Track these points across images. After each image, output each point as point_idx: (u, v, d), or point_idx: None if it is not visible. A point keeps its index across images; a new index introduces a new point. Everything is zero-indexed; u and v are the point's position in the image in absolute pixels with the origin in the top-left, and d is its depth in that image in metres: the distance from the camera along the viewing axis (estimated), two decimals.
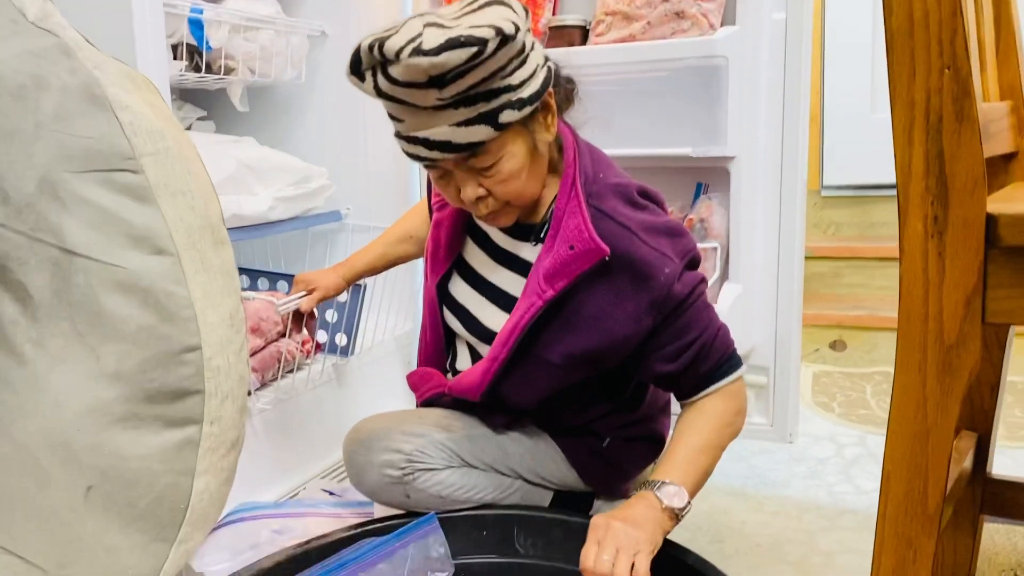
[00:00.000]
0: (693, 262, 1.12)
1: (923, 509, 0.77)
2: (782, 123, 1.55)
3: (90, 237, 1.05)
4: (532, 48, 1.03)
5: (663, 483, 1.05)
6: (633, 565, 0.97)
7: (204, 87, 1.80)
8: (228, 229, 1.54)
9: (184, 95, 1.89)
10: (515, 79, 1.00)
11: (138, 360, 1.05)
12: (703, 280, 1.13)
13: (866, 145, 2.77)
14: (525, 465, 1.23)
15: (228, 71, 1.69)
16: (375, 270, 1.49)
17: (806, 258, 2.72)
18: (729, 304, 1.54)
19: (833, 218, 2.97)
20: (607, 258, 1.05)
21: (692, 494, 1.07)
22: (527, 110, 1.02)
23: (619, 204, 1.10)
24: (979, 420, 1.09)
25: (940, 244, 0.73)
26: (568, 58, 1.19)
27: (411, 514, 1.17)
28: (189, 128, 1.84)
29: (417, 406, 1.30)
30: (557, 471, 1.25)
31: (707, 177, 1.63)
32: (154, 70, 1.24)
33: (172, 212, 1.07)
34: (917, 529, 0.78)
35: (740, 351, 1.59)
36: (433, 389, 1.26)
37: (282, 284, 1.72)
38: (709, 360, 1.11)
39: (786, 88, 1.54)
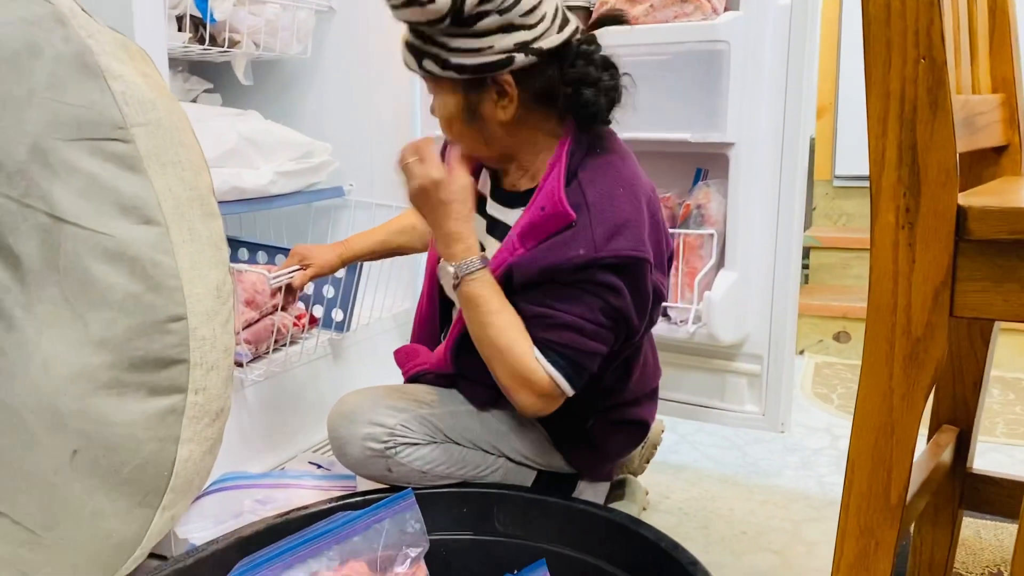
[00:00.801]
0: (620, 267, 1.09)
1: (885, 501, 0.77)
2: (784, 110, 1.53)
3: (79, 205, 1.06)
4: (498, 31, 1.07)
5: (479, 267, 1.11)
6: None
7: (210, 60, 1.80)
8: (229, 202, 1.57)
9: (191, 67, 1.90)
10: (451, 42, 1.08)
11: (124, 328, 1.07)
12: (614, 289, 1.09)
13: None
14: (508, 444, 1.24)
15: (232, 44, 1.70)
16: (374, 255, 1.51)
17: (814, 248, 2.72)
18: (724, 291, 1.53)
19: (844, 209, 2.95)
20: (573, 224, 1.08)
21: (460, 291, 1.12)
22: (449, 73, 1.09)
23: (600, 186, 1.11)
24: (961, 415, 1.08)
25: (910, 235, 0.73)
26: None
27: (392, 489, 1.19)
28: (195, 100, 1.85)
29: (404, 382, 1.31)
30: (540, 451, 1.26)
31: (706, 163, 1.62)
32: (152, 41, 1.25)
33: (161, 182, 1.08)
34: (879, 520, 0.78)
35: (734, 339, 1.60)
36: (418, 365, 1.27)
37: (280, 258, 1.72)
38: (549, 332, 1.11)
39: (788, 75, 1.52)
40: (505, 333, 1.11)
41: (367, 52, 1.89)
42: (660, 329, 1.64)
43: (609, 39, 1.35)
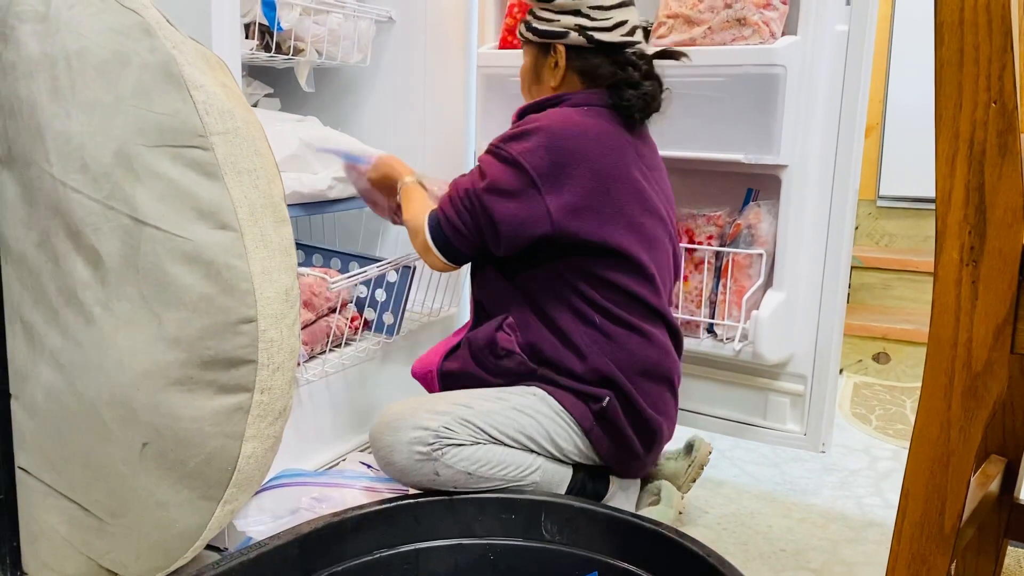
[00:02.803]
0: (510, 161, 1.29)
1: (939, 530, 0.79)
2: (837, 135, 1.55)
3: (160, 208, 1.11)
4: (568, 12, 1.35)
5: (413, 177, 1.50)
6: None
7: (272, 65, 1.85)
8: (287, 206, 1.61)
9: (252, 72, 1.95)
10: (538, 12, 1.39)
11: (197, 328, 1.11)
12: (486, 176, 1.31)
13: (926, 157, 2.74)
14: (542, 434, 1.29)
15: (297, 52, 1.75)
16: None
17: (856, 268, 2.72)
18: (771, 311, 1.55)
19: (887, 229, 2.94)
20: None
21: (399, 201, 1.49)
22: (530, 35, 1.40)
23: (550, 115, 1.33)
24: (1010, 446, 1.09)
25: (974, 273, 0.75)
26: None
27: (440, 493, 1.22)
28: (255, 104, 1.90)
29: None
30: (569, 439, 1.32)
31: (758, 183, 1.64)
32: (228, 49, 1.30)
33: (237, 189, 1.13)
34: (932, 548, 0.80)
35: (779, 359, 1.62)
36: (428, 366, 1.43)
37: (335, 261, 1.77)
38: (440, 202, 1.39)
39: (844, 100, 1.54)
40: (414, 207, 1.43)
41: (424, 61, 1.94)
42: (705, 346, 1.66)
43: (670, 62, 1.39)
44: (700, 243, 1.65)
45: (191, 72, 1.12)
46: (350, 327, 1.63)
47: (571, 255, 1.29)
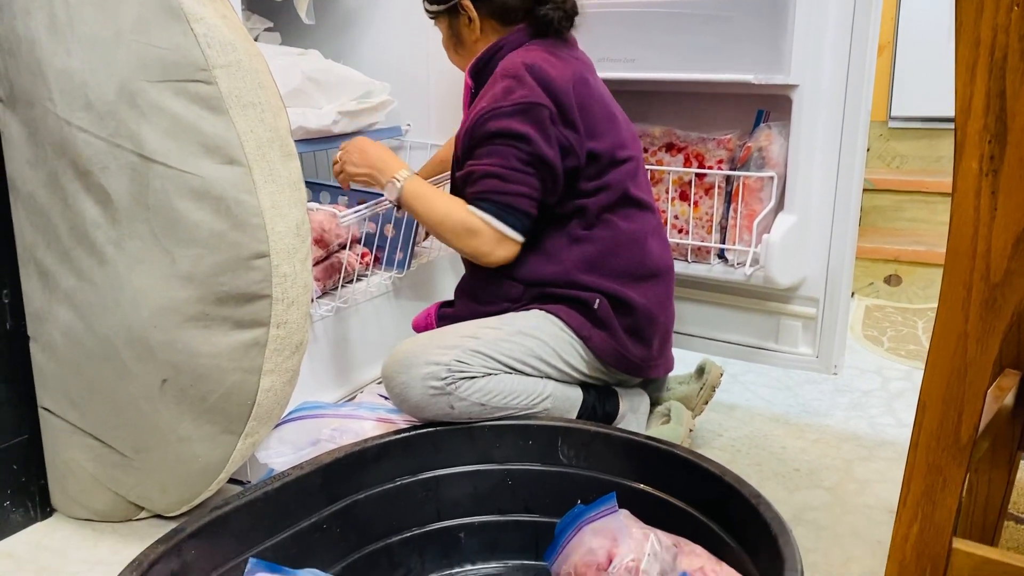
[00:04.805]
0: (523, 109, 1.28)
1: (955, 440, 0.80)
2: (849, 53, 1.52)
3: (166, 145, 1.10)
4: None
5: (408, 172, 1.38)
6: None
7: None
8: (295, 141, 1.59)
9: (251, 5, 1.91)
10: None
11: (210, 264, 1.12)
12: (522, 136, 1.28)
13: (940, 75, 2.69)
14: (549, 352, 1.31)
15: None
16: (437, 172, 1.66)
17: (867, 191, 2.69)
18: (782, 235, 1.54)
19: (899, 150, 2.90)
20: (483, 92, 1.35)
21: (402, 202, 1.37)
22: (434, 7, 1.44)
23: (512, 59, 1.34)
24: None
25: (994, 183, 0.74)
26: None
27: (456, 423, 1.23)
28: (256, 39, 1.87)
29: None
30: (574, 352, 1.34)
31: (768, 105, 1.62)
32: None
33: (243, 123, 1.11)
34: (948, 459, 0.80)
35: (790, 282, 1.61)
36: (426, 317, 1.45)
37: (343, 199, 1.76)
38: (472, 188, 1.32)
39: (855, 16, 1.50)
40: (441, 206, 1.34)
41: None
42: (716, 271, 1.66)
43: None
44: (710, 167, 1.63)
45: (191, 4, 1.10)
46: (361, 263, 1.63)
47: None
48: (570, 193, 1.35)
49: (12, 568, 1.23)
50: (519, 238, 1.32)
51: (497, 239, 1.31)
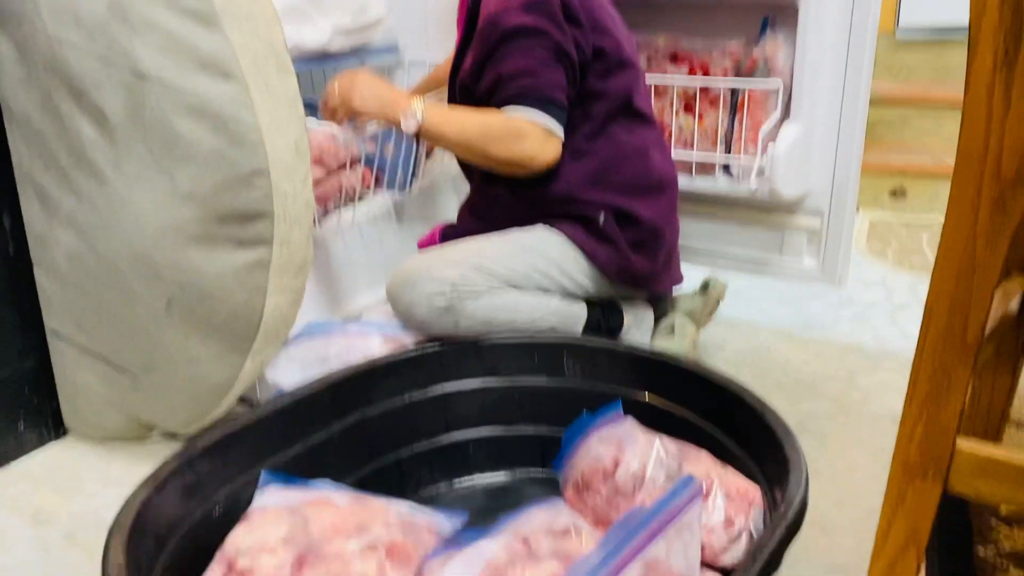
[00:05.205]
0: (533, 4, 1.25)
1: (962, 341, 0.80)
2: None
3: (160, 61, 1.08)
4: None
5: (421, 101, 1.27)
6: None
7: None
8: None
9: None
10: None
11: (210, 183, 1.11)
12: (537, 30, 1.24)
13: None
14: (554, 267, 1.31)
15: None
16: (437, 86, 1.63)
17: (873, 103, 2.65)
18: (788, 145, 1.53)
19: (906, 62, 2.84)
20: None
21: (423, 131, 1.27)
22: None
23: None
24: None
25: (1008, 78, 0.72)
26: None
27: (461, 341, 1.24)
28: None
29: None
30: (579, 267, 1.34)
31: (774, 12, 1.58)
32: None
33: (238, 37, 1.09)
34: (954, 360, 0.80)
35: (796, 195, 1.60)
36: (431, 237, 1.43)
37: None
38: (504, 92, 1.27)
39: None
40: (474, 121, 1.27)
41: None
42: (721, 185, 1.64)
43: None
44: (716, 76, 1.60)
45: None
46: (362, 184, 1.62)
47: None
48: (579, 96, 1.32)
49: (30, 487, 1.26)
50: (562, 134, 1.29)
51: (545, 138, 1.27)
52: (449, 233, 1.43)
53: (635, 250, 1.35)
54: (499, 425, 1.24)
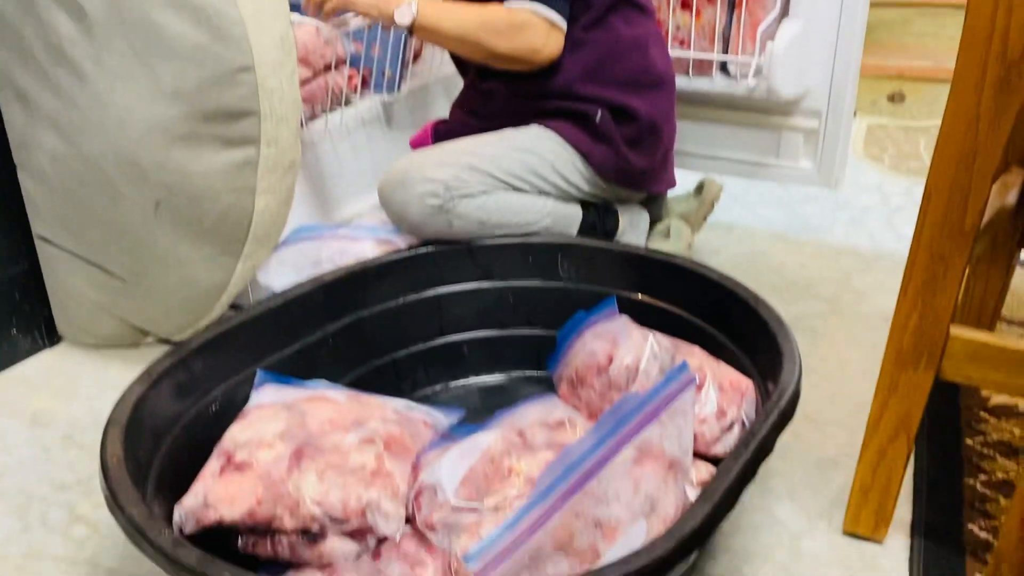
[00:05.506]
0: None
1: (959, 228, 0.79)
2: None
3: None
4: None
5: None
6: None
7: None
8: None
9: None
10: None
11: (195, 79, 1.08)
12: None
13: None
14: (548, 167, 1.29)
15: None
16: None
17: (874, 3, 2.58)
18: (787, 43, 1.49)
19: None
20: None
21: (418, 25, 1.23)
22: None
23: None
24: None
25: None
26: None
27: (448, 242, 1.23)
28: None
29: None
30: (574, 168, 1.31)
31: None
32: None
33: None
34: (951, 247, 0.80)
35: (794, 94, 1.57)
36: (423, 135, 1.39)
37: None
38: None
39: None
40: (472, 14, 1.22)
41: None
42: (718, 85, 1.61)
43: None
44: None
45: None
46: (349, 85, 1.58)
47: None
48: None
49: (27, 392, 1.26)
50: (564, 26, 1.24)
51: (547, 29, 1.22)
52: (441, 129, 1.40)
53: (632, 147, 1.32)
54: (494, 327, 1.24)
